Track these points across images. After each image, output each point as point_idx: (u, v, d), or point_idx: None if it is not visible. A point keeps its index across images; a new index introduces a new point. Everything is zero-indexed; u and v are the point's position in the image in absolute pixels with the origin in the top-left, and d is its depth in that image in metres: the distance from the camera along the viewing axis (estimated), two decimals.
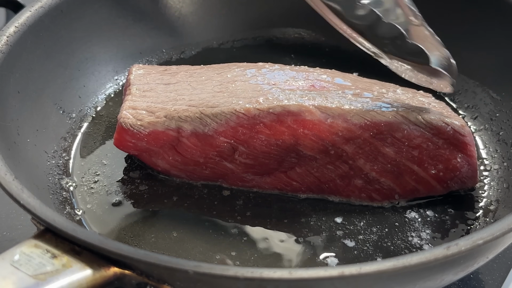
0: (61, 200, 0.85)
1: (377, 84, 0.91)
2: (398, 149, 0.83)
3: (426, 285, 0.67)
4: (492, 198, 0.86)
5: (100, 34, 1.03)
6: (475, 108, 0.98)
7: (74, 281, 0.61)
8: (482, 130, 0.95)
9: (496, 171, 0.89)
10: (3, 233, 0.86)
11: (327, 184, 0.85)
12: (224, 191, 0.87)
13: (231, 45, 1.13)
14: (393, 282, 0.63)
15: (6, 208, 0.87)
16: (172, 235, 0.81)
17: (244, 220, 0.83)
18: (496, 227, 0.65)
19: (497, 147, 0.92)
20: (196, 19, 1.11)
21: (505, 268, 0.82)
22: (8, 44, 0.88)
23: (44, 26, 0.94)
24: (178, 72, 0.94)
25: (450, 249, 0.62)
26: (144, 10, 1.08)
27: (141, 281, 0.63)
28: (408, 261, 0.61)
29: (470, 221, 0.83)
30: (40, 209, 0.67)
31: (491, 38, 0.99)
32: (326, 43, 1.12)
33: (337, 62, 1.06)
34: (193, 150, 0.84)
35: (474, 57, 1.01)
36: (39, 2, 0.95)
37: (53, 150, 0.91)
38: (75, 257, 0.63)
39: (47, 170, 0.88)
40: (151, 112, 0.86)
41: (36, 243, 0.64)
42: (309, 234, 0.81)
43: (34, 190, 0.76)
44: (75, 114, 0.97)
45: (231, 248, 0.79)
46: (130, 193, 0.87)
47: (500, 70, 0.97)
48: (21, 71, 0.89)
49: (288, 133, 0.82)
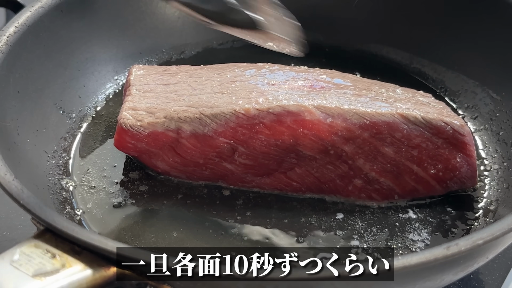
0: (61, 200, 0.85)
1: (377, 84, 0.91)
2: (397, 149, 0.83)
3: (426, 285, 0.67)
4: (492, 198, 0.86)
5: (100, 34, 1.03)
6: (475, 108, 0.98)
7: (74, 281, 0.61)
8: (482, 130, 0.95)
9: (496, 171, 0.89)
10: (3, 233, 0.86)
11: (327, 184, 0.85)
12: (224, 191, 0.87)
13: (231, 45, 1.13)
14: (393, 282, 0.63)
15: (6, 208, 0.87)
16: (172, 235, 0.81)
17: (244, 220, 0.83)
18: (496, 227, 0.65)
19: (497, 147, 0.92)
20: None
21: (505, 268, 0.82)
22: (8, 44, 0.88)
23: (44, 26, 0.94)
24: (178, 72, 0.94)
25: (450, 249, 0.62)
26: (144, 10, 1.08)
27: (141, 281, 0.63)
28: (408, 261, 0.61)
29: (470, 221, 0.83)
30: (40, 209, 0.67)
31: (491, 38, 0.99)
32: (326, 43, 1.12)
33: (337, 62, 1.06)
34: (193, 151, 0.84)
35: (474, 57, 1.01)
36: (39, 2, 0.95)
37: (53, 150, 0.91)
38: (75, 257, 0.63)
39: (47, 170, 0.88)
40: (151, 112, 0.86)
41: (36, 243, 0.64)
42: (309, 234, 0.81)
43: (34, 190, 0.76)
44: (75, 114, 0.97)
45: (231, 248, 0.79)
46: (130, 193, 0.87)
47: (500, 70, 0.97)
48: (21, 71, 0.89)
49: (288, 133, 0.82)
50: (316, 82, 0.88)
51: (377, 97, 0.86)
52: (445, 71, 1.04)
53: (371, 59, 1.10)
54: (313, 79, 0.89)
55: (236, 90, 0.86)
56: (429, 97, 0.90)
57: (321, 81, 0.89)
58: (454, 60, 1.03)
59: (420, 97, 0.89)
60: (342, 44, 1.11)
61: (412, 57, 1.08)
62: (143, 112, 0.86)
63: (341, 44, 1.11)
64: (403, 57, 1.09)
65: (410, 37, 1.08)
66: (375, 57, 1.10)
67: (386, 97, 0.87)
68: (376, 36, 1.10)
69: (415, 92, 0.91)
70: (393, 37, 1.09)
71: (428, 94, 0.91)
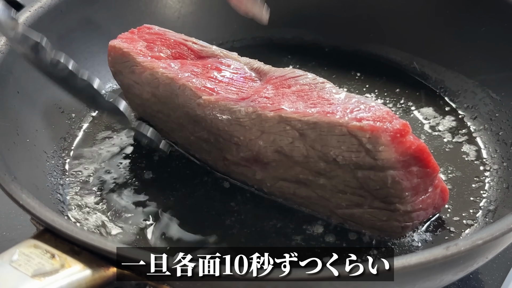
0: (61, 200, 0.85)
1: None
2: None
3: (426, 285, 0.67)
4: (492, 198, 0.86)
5: (100, 34, 1.03)
6: (475, 108, 0.98)
7: (73, 281, 0.61)
8: (481, 130, 0.95)
9: (495, 171, 0.89)
10: (2, 233, 0.86)
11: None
12: (224, 190, 0.87)
13: (231, 45, 1.13)
14: (393, 282, 0.63)
15: (6, 208, 0.87)
16: (172, 235, 0.81)
17: (243, 218, 0.83)
18: (495, 227, 0.65)
19: (497, 147, 0.92)
20: (196, 19, 1.11)
21: (504, 268, 0.82)
22: (8, 44, 0.88)
23: (44, 26, 0.94)
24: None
25: (449, 249, 0.62)
26: (144, 10, 1.08)
27: (140, 281, 0.63)
28: (408, 261, 0.61)
29: (469, 221, 0.83)
30: (40, 209, 0.67)
31: (491, 38, 0.99)
32: (325, 43, 1.12)
33: (337, 62, 1.06)
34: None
35: (474, 57, 1.01)
36: (39, 2, 0.95)
37: (53, 150, 0.91)
38: (74, 257, 0.63)
39: (46, 170, 0.88)
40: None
41: (36, 243, 0.64)
42: (309, 235, 0.81)
43: (33, 190, 0.76)
44: (75, 114, 0.97)
45: (230, 248, 0.79)
46: (130, 193, 0.87)
47: (500, 70, 0.97)
48: (21, 71, 0.89)
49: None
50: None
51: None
52: (445, 71, 1.04)
53: (371, 59, 1.10)
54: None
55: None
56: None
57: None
58: (454, 60, 1.03)
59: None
60: (342, 44, 1.11)
61: (412, 57, 1.08)
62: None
63: (341, 44, 1.11)
64: (403, 57, 1.08)
65: (410, 37, 1.08)
66: (375, 57, 1.10)
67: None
68: (376, 36, 1.10)
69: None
70: (393, 37, 1.09)
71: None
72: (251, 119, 0.79)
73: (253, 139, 0.80)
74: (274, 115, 0.77)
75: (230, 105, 0.81)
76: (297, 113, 0.76)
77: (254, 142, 0.80)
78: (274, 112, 0.78)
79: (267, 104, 0.79)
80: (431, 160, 0.75)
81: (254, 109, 0.79)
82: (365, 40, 1.11)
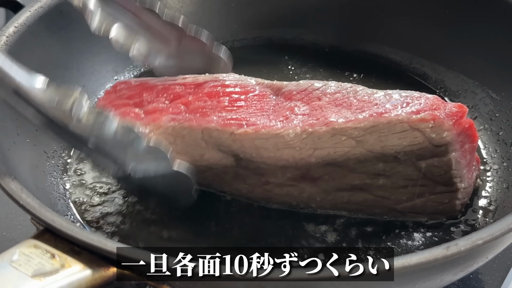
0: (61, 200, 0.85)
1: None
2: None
3: (426, 285, 0.67)
4: (492, 198, 0.86)
5: None
6: (475, 108, 0.98)
7: (73, 281, 0.61)
8: (481, 130, 0.95)
9: (496, 171, 0.89)
10: (2, 233, 0.86)
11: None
12: (224, 195, 0.87)
13: (231, 45, 1.13)
14: (393, 282, 0.63)
15: (6, 208, 0.87)
16: (172, 236, 0.81)
17: (244, 218, 0.83)
18: (495, 227, 0.65)
19: (497, 147, 0.92)
20: (196, 19, 1.11)
21: (504, 268, 0.82)
22: (7, 44, 0.88)
23: (44, 26, 0.94)
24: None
25: (449, 249, 0.62)
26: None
27: (140, 281, 0.63)
28: (408, 261, 0.61)
29: (469, 221, 0.83)
30: (40, 209, 0.67)
31: (491, 38, 0.99)
32: (325, 43, 1.12)
33: (337, 62, 1.06)
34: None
35: (474, 57, 1.01)
36: (39, 2, 0.95)
37: (53, 150, 0.91)
38: (74, 257, 0.63)
39: (46, 170, 0.88)
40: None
41: (36, 243, 0.64)
42: (309, 235, 0.81)
43: (33, 190, 0.76)
44: None
45: (231, 248, 0.79)
46: (130, 193, 0.87)
47: (500, 70, 0.97)
48: None
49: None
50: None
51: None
52: (445, 71, 1.04)
53: (371, 59, 1.10)
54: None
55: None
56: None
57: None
58: (454, 60, 1.03)
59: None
60: (342, 44, 1.11)
61: (412, 57, 1.08)
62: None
63: (341, 44, 1.11)
64: (403, 57, 1.09)
65: (410, 37, 1.08)
66: (375, 57, 1.10)
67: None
68: (376, 36, 1.10)
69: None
70: (393, 37, 1.09)
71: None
72: (302, 139, 0.77)
73: (305, 158, 0.78)
74: (327, 129, 0.76)
75: (273, 131, 0.77)
76: (350, 121, 0.76)
77: (305, 161, 0.78)
78: (326, 126, 0.76)
79: (312, 121, 0.77)
80: (476, 133, 0.80)
81: (302, 128, 0.77)
82: (364, 40, 1.11)
